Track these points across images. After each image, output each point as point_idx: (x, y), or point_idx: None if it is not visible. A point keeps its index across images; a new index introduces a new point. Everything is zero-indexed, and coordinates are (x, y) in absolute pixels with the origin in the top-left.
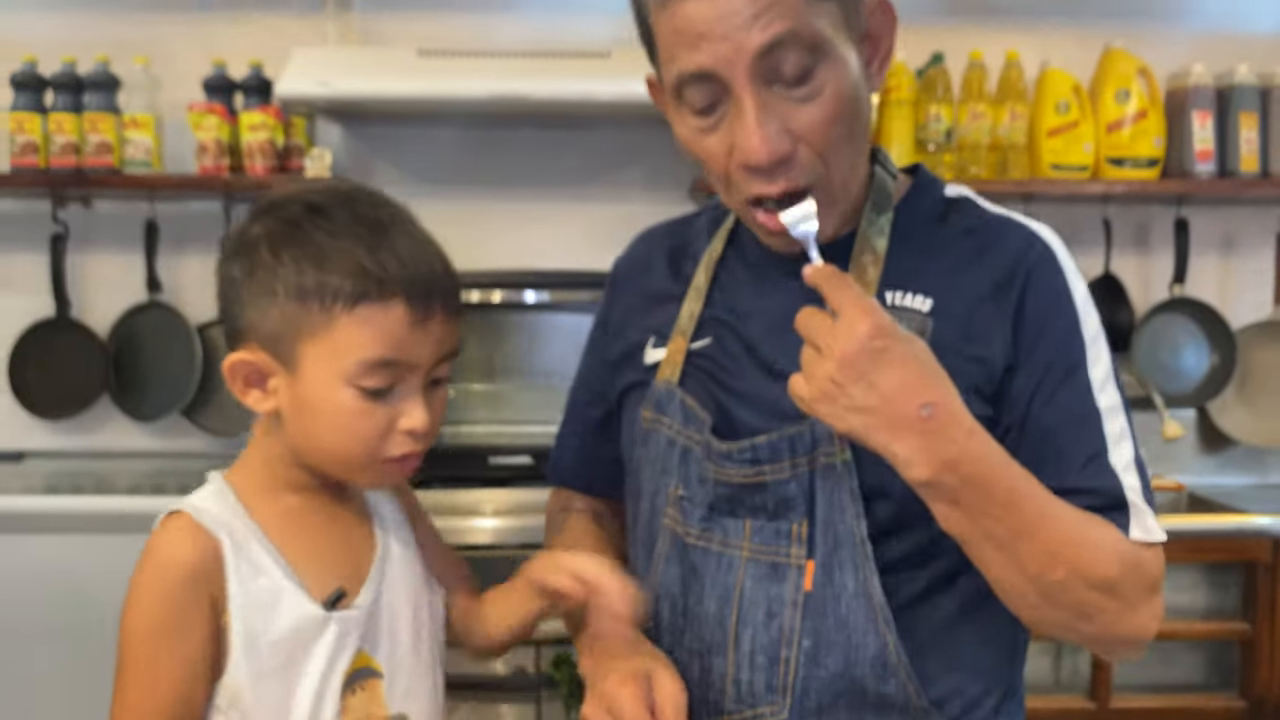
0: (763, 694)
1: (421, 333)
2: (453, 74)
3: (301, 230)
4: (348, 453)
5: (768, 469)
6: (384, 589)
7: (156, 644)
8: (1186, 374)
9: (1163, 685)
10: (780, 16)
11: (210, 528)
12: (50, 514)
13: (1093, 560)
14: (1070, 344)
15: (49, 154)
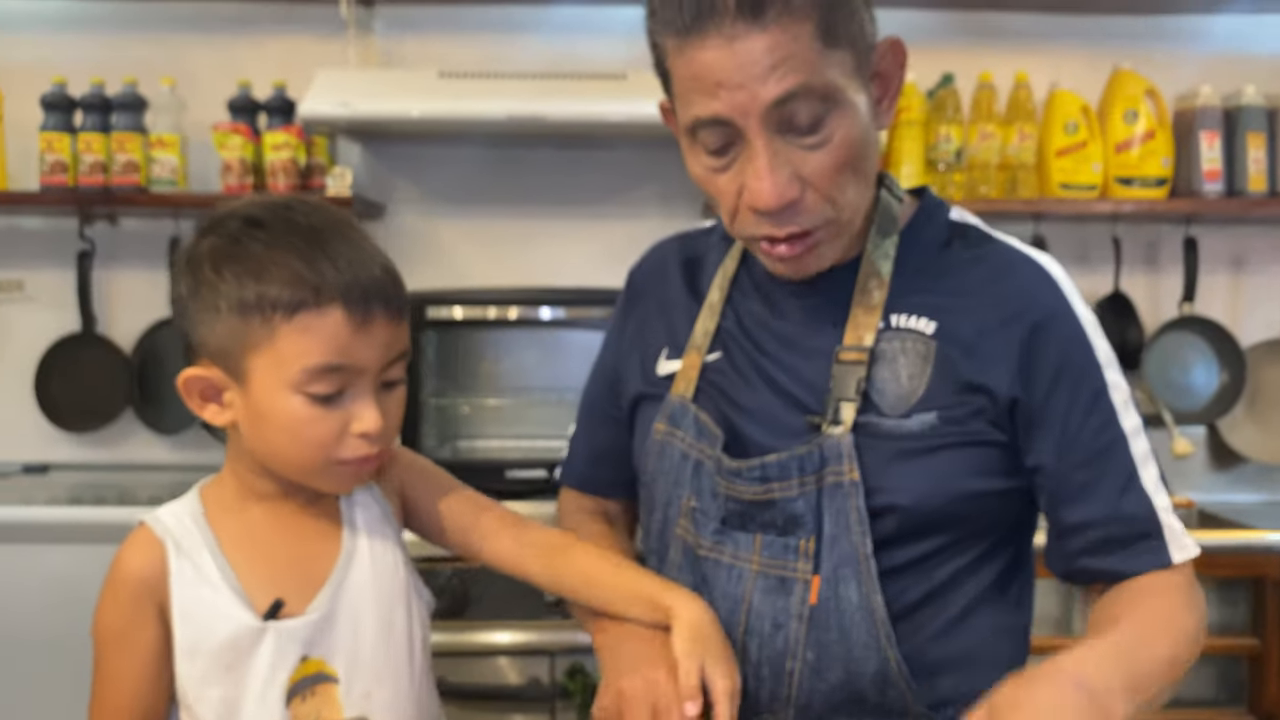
0: (766, 703)
1: (364, 336)
2: (472, 95)
3: (240, 245)
4: (303, 459)
5: (777, 486)
6: (342, 595)
7: (111, 648)
8: (1196, 392)
9: (1172, 701)
10: (795, 70)
11: (161, 537)
12: (74, 525)
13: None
14: (1088, 374)
15: (77, 173)
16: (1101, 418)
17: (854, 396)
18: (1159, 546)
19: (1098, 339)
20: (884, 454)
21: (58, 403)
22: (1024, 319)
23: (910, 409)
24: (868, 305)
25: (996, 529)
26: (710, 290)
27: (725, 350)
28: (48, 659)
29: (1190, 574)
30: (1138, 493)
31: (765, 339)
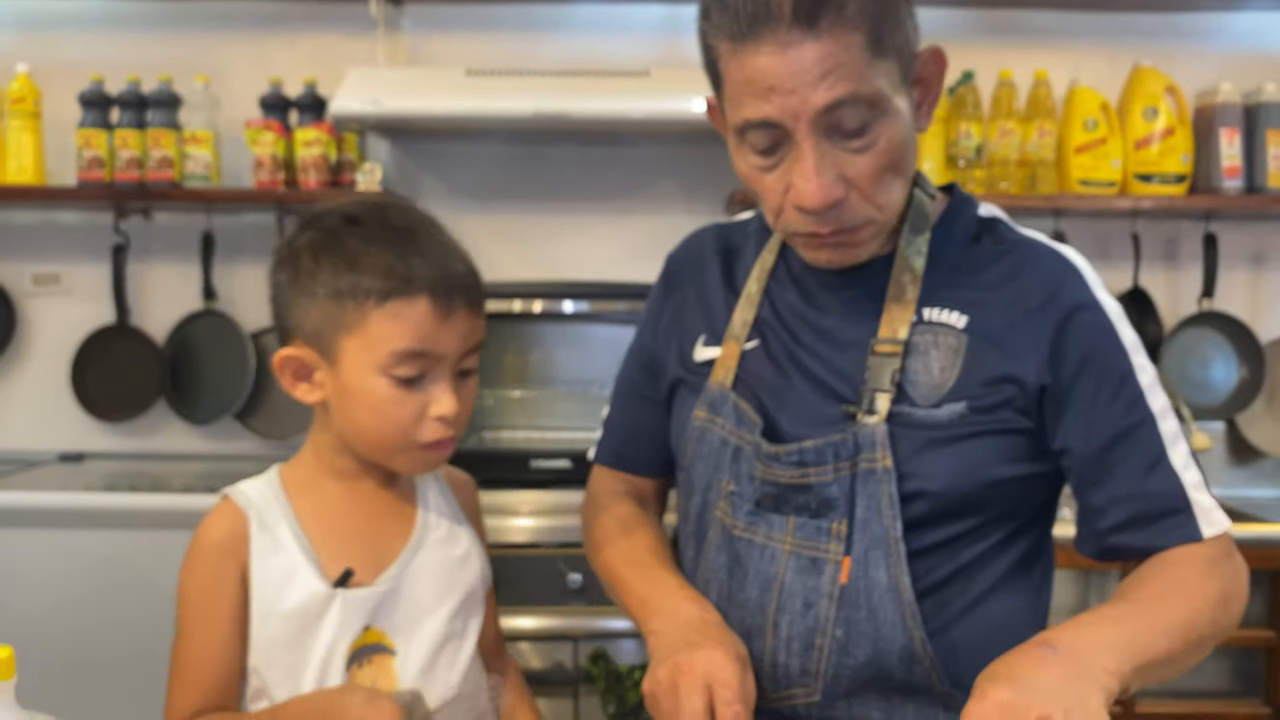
0: (797, 677)
1: (446, 326)
2: (498, 93)
3: (337, 238)
4: (384, 437)
5: (812, 471)
6: (410, 574)
7: (196, 611)
8: (1215, 387)
9: (1188, 692)
10: (844, 79)
11: (244, 508)
12: (108, 511)
13: (1207, 605)
14: (1114, 358)
15: (114, 168)
16: (1128, 399)
17: (889, 387)
18: (1188, 522)
19: (1122, 325)
20: (915, 442)
21: (93, 393)
22: (1051, 310)
23: (941, 399)
24: (902, 300)
25: (1021, 513)
26: (748, 282)
27: (763, 339)
28: (83, 642)
29: (1223, 548)
30: (1165, 471)
31: (802, 330)
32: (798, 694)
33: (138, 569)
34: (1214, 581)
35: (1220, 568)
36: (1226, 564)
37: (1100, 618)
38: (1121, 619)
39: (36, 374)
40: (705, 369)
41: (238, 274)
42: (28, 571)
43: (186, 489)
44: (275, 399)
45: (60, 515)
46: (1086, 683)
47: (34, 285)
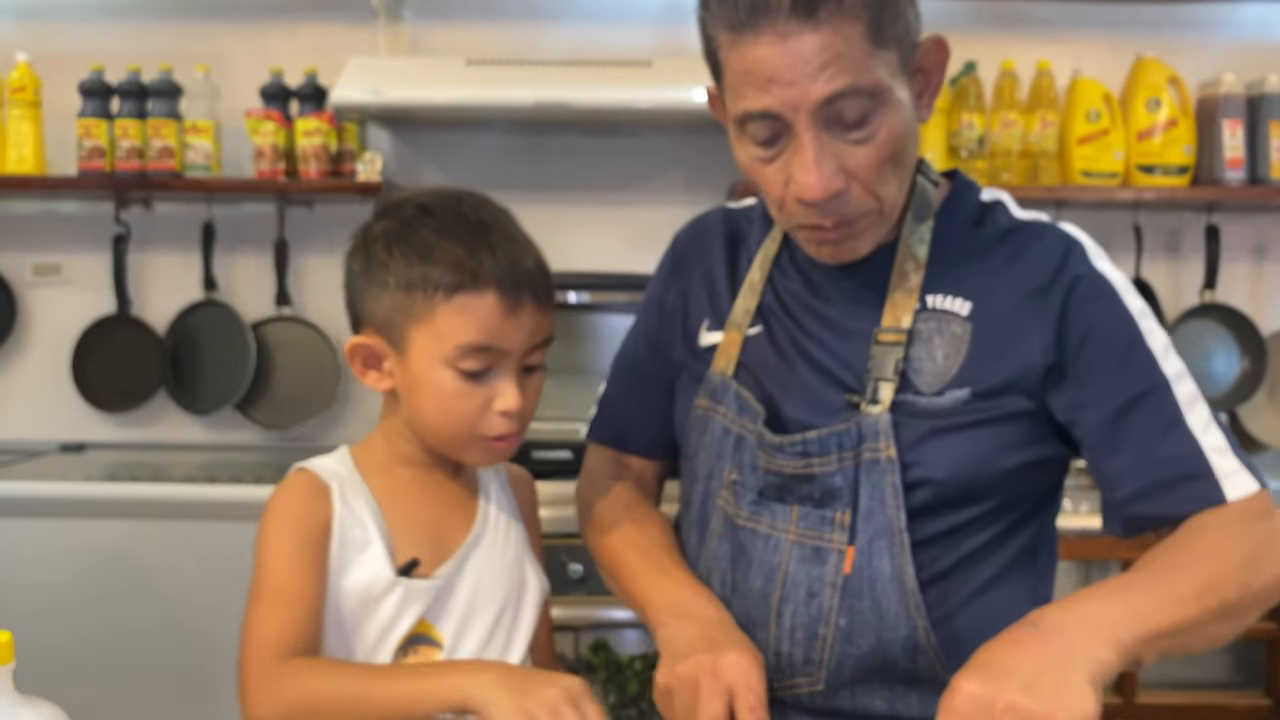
0: (800, 667)
1: (513, 321)
2: (498, 82)
3: (411, 229)
4: (449, 429)
5: (816, 461)
6: (468, 568)
7: (288, 552)
8: (1217, 379)
9: (1189, 683)
10: (844, 70)
11: (327, 481)
12: (109, 500)
13: (1228, 567)
14: (1120, 326)
15: (114, 158)
16: (1139, 365)
17: (892, 377)
18: (1208, 485)
19: (1128, 294)
20: (919, 430)
21: (94, 383)
22: (1054, 288)
23: (945, 386)
24: (905, 288)
25: (1025, 502)
26: (751, 270)
27: (766, 325)
28: (84, 631)
29: (1255, 508)
30: (1181, 434)
31: (805, 318)
32: (801, 683)
33: (139, 559)
34: (1238, 542)
35: (1250, 528)
36: (1258, 525)
37: (1100, 590)
38: (1124, 590)
39: (37, 364)
40: (708, 354)
41: (238, 264)
42: (29, 561)
43: (188, 479)
44: (276, 389)
45: (61, 505)
46: (1066, 661)
47: (35, 275)
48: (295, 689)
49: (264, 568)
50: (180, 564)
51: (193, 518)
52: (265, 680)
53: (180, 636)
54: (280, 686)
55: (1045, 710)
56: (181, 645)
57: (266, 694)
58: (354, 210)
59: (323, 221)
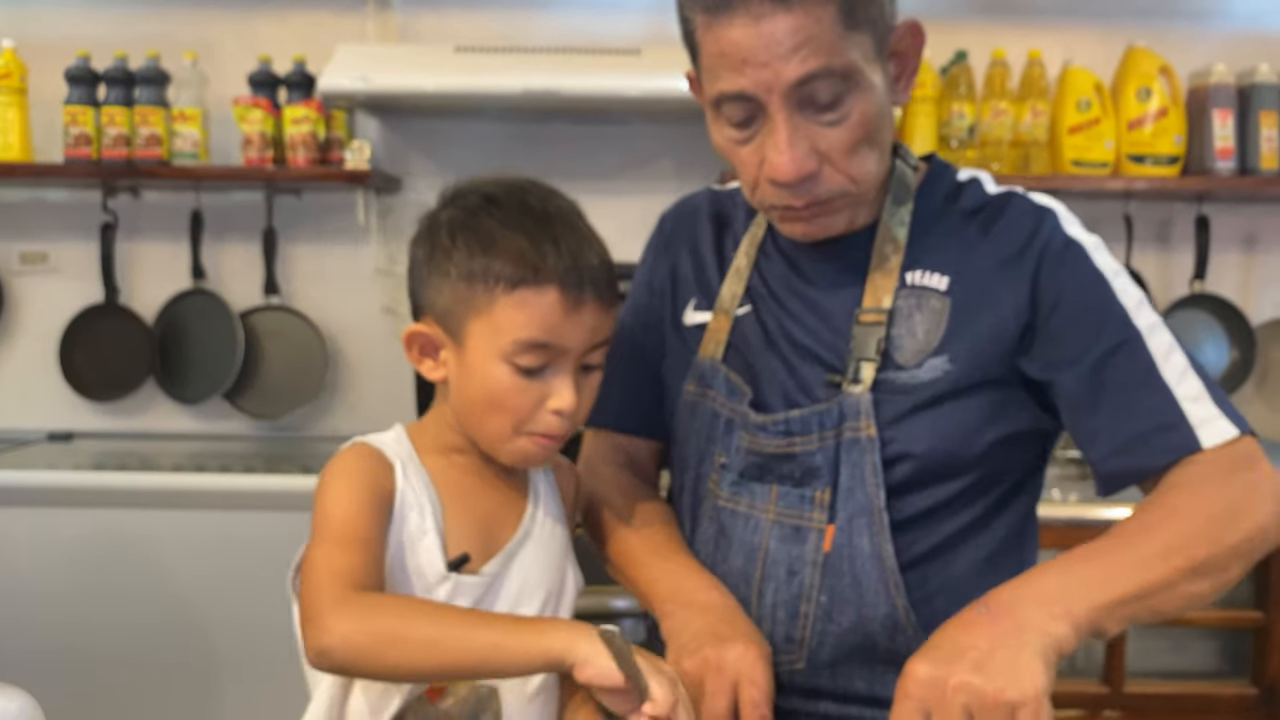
0: (782, 644)
1: (574, 319)
2: (487, 70)
3: (476, 218)
4: (496, 425)
5: (798, 441)
6: (515, 564)
7: (354, 499)
8: (1207, 369)
9: (1176, 672)
10: (817, 52)
11: (391, 458)
12: (97, 489)
13: (1201, 521)
14: (1092, 284)
15: (101, 146)
16: (1111, 321)
17: (874, 356)
18: (1184, 433)
19: (1099, 254)
20: (900, 406)
21: (81, 372)
22: (1026, 252)
23: (925, 357)
24: (885, 269)
25: (1006, 479)
26: (737, 255)
27: (752, 304)
28: (72, 620)
29: (1233, 457)
30: (1155, 385)
31: (789, 300)
32: (782, 661)
33: (127, 547)
34: (1211, 494)
35: (1227, 480)
36: (1236, 476)
37: (1056, 564)
38: (1081, 560)
39: (24, 353)
40: (694, 333)
41: (227, 252)
42: (16, 550)
43: (176, 468)
44: (265, 378)
45: (49, 494)
46: (1017, 638)
47: (21, 264)
48: (369, 618)
49: (329, 513)
50: (169, 553)
51: (181, 507)
52: (336, 607)
53: (169, 624)
54: (354, 614)
55: (994, 688)
56: (170, 633)
57: (337, 621)
58: (342, 198)
59: (311, 210)
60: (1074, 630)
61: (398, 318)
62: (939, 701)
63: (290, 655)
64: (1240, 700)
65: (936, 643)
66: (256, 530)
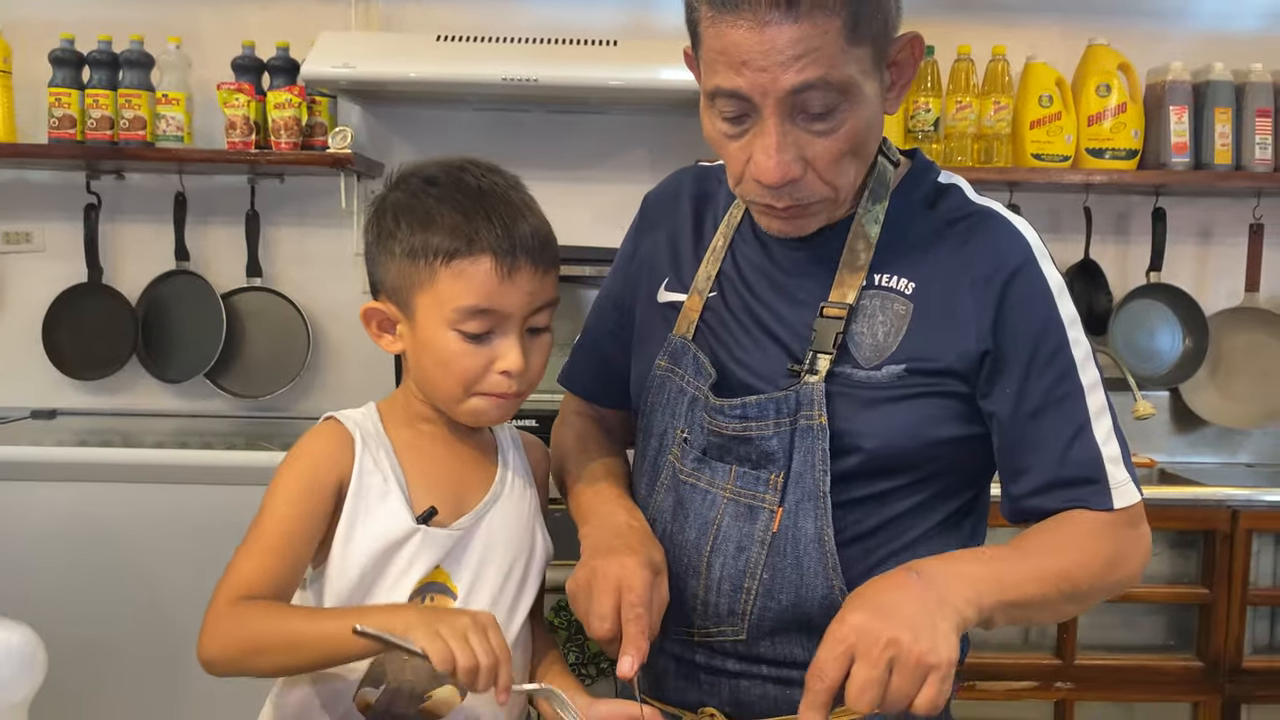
0: (725, 616)
1: (509, 285)
2: (468, 58)
3: (416, 199)
4: (449, 388)
5: (754, 425)
6: (485, 523)
7: (289, 498)
8: (1161, 357)
9: (1125, 646)
10: (816, 63)
11: (350, 428)
12: (80, 464)
13: (1092, 562)
14: (1050, 330)
15: (85, 127)
16: (1059, 371)
17: (830, 350)
18: (1101, 491)
19: (1063, 299)
20: (855, 401)
21: (65, 351)
22: (995, 277)
23: (883, 361)
24: (854, 265)
25: (953, 473)
26: (716, 236)
27: (721, 292)
28: (54, 590)
29: (1128, 517)
30: (1087, 442)
31: (760, 285)
32: (725, 631)
33: (106, 519)
34: (1106, 543)
35: (1118, 533)
36: (1126, 531)
37: (974, 555)
38: (995, 559)
39: (8, 331)
40: (667, 311)
41: (210, 234)
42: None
43: (158, 445)
44: (247, 359)
45: (33, 468)
46: (940, 608)
47: (5, 243)
48: (240, 629)
49: (263, 510)
50: (148, 523)
51: (165, 481)
52: (216, 620)
53: (149, 598)
54: (228, 626)
55: (920, 649)
56: (150, 606)
57: (214, 633)
58: (325, 182)
59: (294, 193)
60: (977, 615)
61: None
62: (866, 649)
63: None
64: (1186, 672)
65: (869, 596)
66: (236, 505)
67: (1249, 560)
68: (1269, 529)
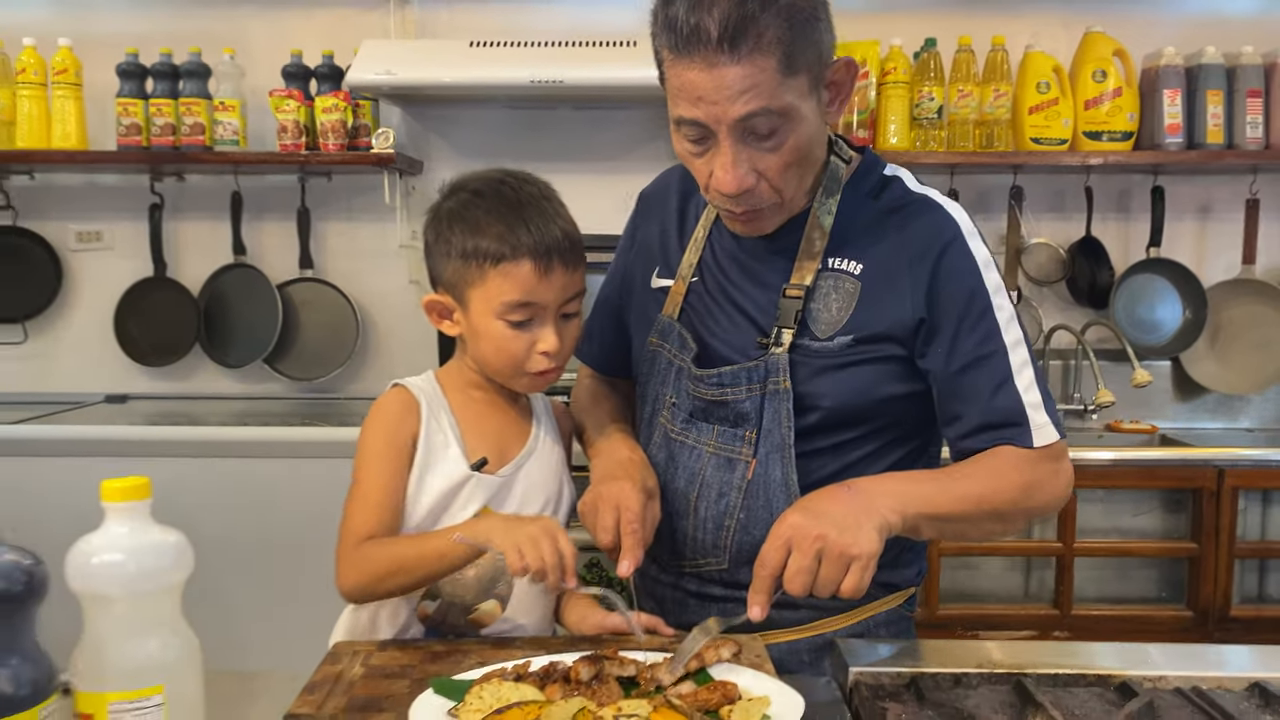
0: (710, 549)
1: (546, 281)
2: (498, 62)
3: (466, 209)
4: (501, 366)
5: (729, 391)
6: (524, 471)
7: (375, 453)
8: (1162, 328)
9: (1119, 597)
10: (758, 95)
11: (415, 393)
12: (151, 441)
13: (1009, 488)
14: (976, 297)
15: (150, 134)
16: (984, 332)
17: (792, 325)
18: (1024, 432)
19: (989, 271)
20: (813, 367)
21: (134, 340)
22: (929, 254)
23: (835, 333)
24: (810, 253)
25: (900, 425)
26: (697, 228)
27: (701, 277)
28: None
29: (1047, 453)
30: (1009, 391)
31: (733, 270)
32: (711, 562)
33: (176, 494)
34: (1024, 473)
35: (1038, 466)
36: (1046, 464)
37: (904, 476)
38: (921, 480)
39: (83, 323)
40: (658, 295)
41: (264, 230)
42: (83, 497)
43: (221, 424)
44: (301, 344)
45: (109, 445)
46: (867, 514)
47: (78, 242)
48: (366, 564)
49: (358, 469)
50: (214, 498)
51: (227, 456)
52: (346, 561)
53: (215, 562)
54: (356, 564)
55: (844, 543)
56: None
57: (347, 571)
58: (369, 179)
59: (341, 190)
60: (901, 522)
61: (421, 288)
62: (799, 542)
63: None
64: (1176, 621)
65: (808, 503)
66: (294, 477)
67: (1235, 516)
68: (1255, 486)
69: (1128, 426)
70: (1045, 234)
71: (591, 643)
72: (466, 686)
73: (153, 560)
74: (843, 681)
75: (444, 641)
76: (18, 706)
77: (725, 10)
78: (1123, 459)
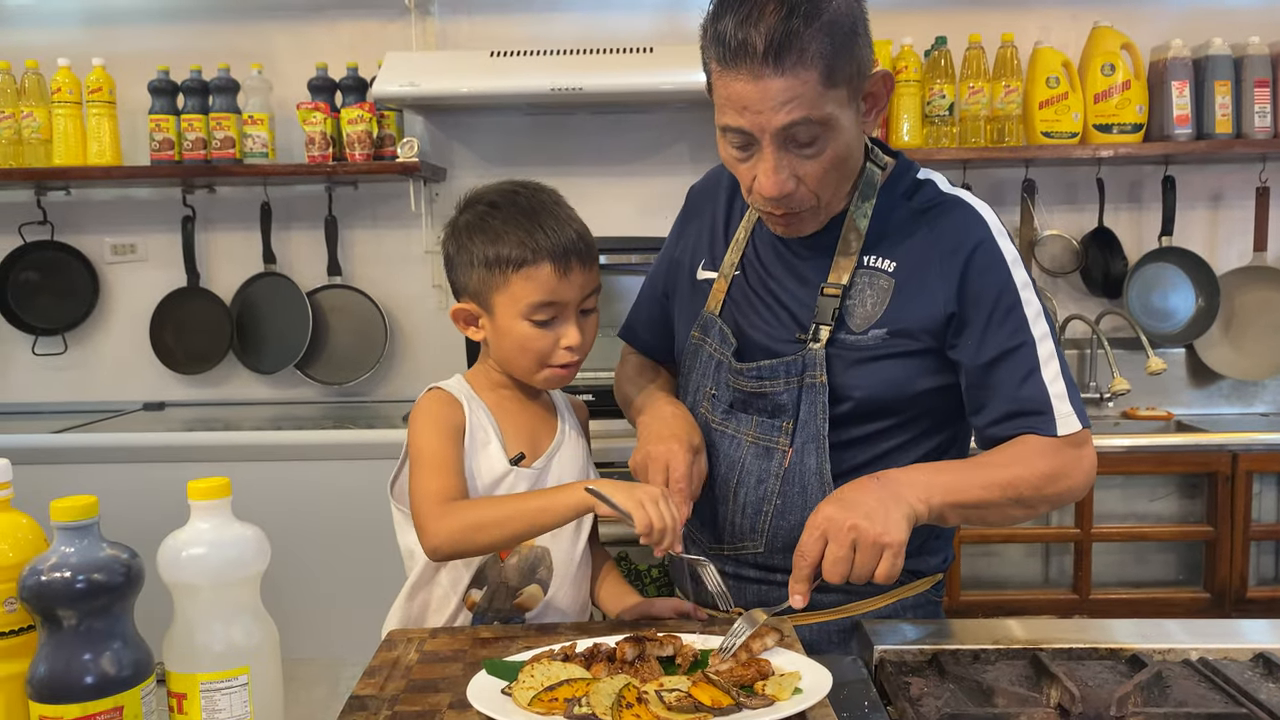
0: (748, 534)
1: (566, 282)
2: (518, 71)
3: (485, 220)
4: (526, 363)
5: (768, 384)
6: (555, 463)
7: (436, 434)
8: (1175, 316)
9: (1138, 581)
10: (800, 106)
11: (455, 394)
12: (188, 447)
13: (1034, 475)
14: (1005, 292)
15: (182, 149)
16: (1013, 326)
17: (830, 321)
18: (1048, 420)
19: (1016, 267)
20: (847, 360)
21: (170, 349)
22: (959, 252)
23: (869, 327)
24: (847, 253)
25: (930, 415)
26: (739, 228)
27: (744, 271)
28: None
29: (1071, 441)
30: (1036, 382)
31: (775, 267)
32: (748, 545)
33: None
34: (1048, 461)
35: (1062, 453)
36: (1070, 451)
37: (931, 466)
38: (947, 470)
39: (119, 333)
40: (702, 287)
41: (293, 239)
42: (125, 502)
43: (255, 429)
44: (331, 350)
45: (149, 452)
46: (895, 503)
47: (113, 254)
48: (459, 518)
49: (421, 447)
50: (250, 500)
51: (263, 460)
52: (436, 518)
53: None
54: (445, 519)
55: (875, 532)
56: None
57: (438, 527)
58: (394, 188)
59: (367, 198)
60: (927, 510)
61: (446, 293)
62: (835, 533)
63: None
64: (1194, 603)
65: (840, 495)
66: (326, 478)
67: (1249, 499)
68: (1269, 470)
69: (1143, 413)
70: (1058, 226)
71: (630, 626)
72: (518, 667)
73: (234, 552)
74: (868, 659)
75: (491, 628)
76: (120, 687)
77: (771, 26)
78: (1139, 445)
